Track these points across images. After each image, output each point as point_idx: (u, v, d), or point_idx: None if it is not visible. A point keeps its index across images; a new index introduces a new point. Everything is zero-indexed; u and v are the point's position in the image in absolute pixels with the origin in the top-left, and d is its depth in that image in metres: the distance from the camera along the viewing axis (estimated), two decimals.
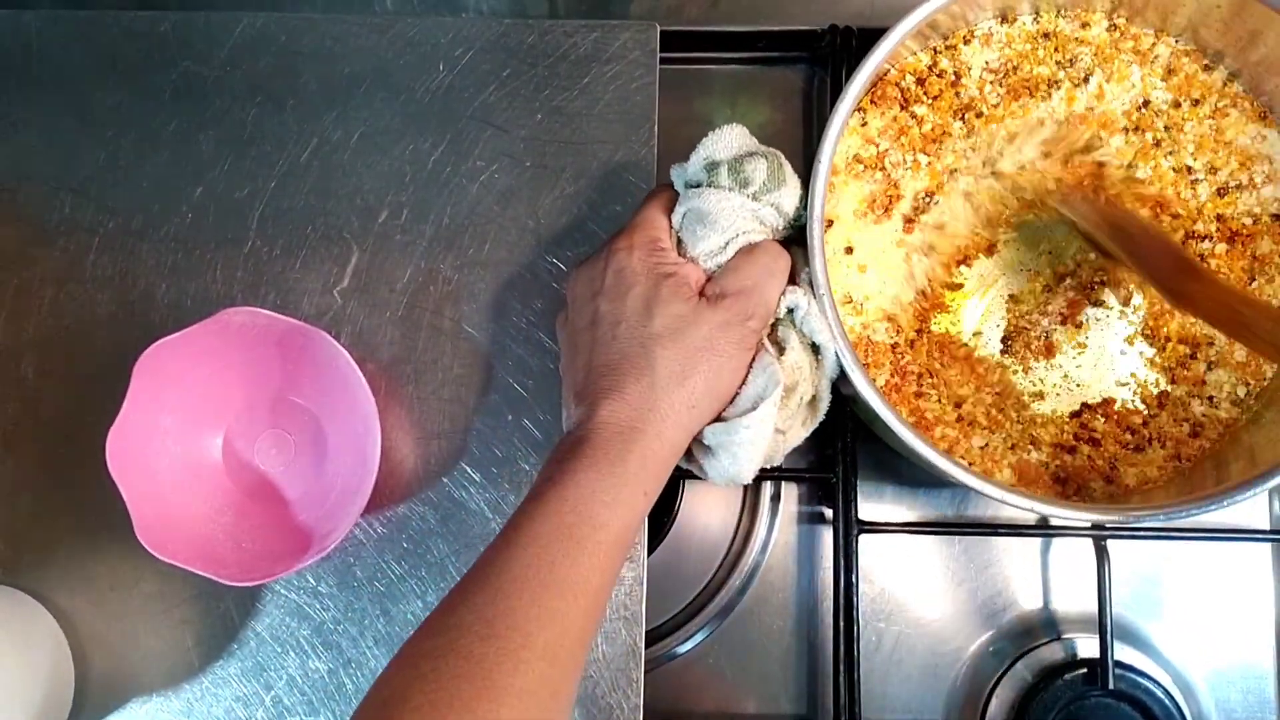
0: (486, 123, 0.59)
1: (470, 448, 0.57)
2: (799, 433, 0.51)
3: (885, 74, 0.55)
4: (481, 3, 0.67)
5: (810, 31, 0.64)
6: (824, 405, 0.51)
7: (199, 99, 0.60)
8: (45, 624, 0.55)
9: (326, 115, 0.60)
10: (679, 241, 0.50)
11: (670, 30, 0.61)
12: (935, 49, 0.56)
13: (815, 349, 0.50)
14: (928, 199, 0.55)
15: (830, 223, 0.55)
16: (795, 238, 0.51)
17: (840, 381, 0.51)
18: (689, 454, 0.50)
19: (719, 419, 0.48)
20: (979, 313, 0.56)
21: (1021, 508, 0.49)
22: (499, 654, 0.40)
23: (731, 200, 0.49)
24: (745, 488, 0.65)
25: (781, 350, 0.49)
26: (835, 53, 0.63)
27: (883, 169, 0.55)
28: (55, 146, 0.60)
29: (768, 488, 0.64)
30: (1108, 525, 0.60)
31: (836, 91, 0.55)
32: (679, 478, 0.64)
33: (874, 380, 0.50)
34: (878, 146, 0.55)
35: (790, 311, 0.49)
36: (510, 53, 0.60)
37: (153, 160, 0.59)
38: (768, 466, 0.51)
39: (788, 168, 0.50)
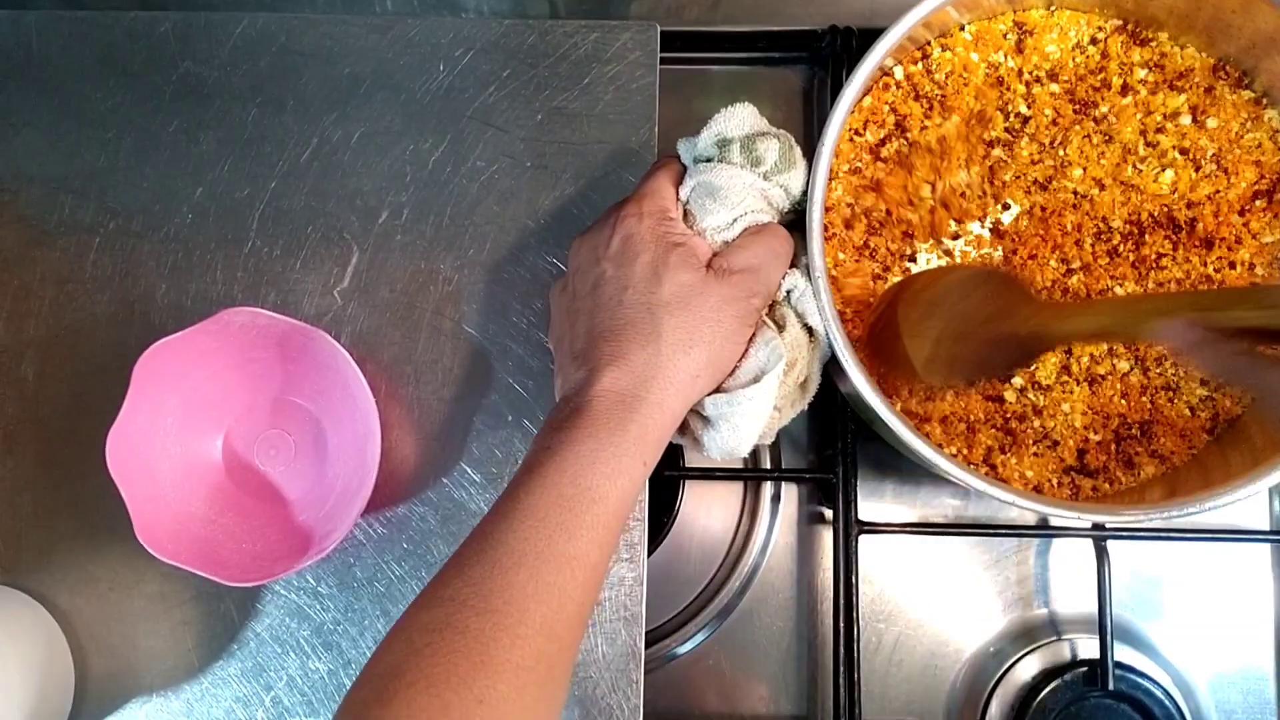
0: (487, 123, 0.60)
1: (470, 448, 0.57)
2: (789, 413, 0.52)
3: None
4: (482, 3, 0.67)
5: (810, 32, 0.64)
6: (813, 386, 0.52)
7: (199, 99, 0.60)
8: (45, 625, 0.55)
9: (327, 116, 0.60)
10: (684, 214, 0.50)
11: (671, 31, 0.62)
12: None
13: (810, 330, 0.50)
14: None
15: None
16: (795, 222, 0.52)
17: (838, 378, 0.51)
18: (683, 427, 0.50)
19: (719, 390, 0.48)
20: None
21: (1019, 505, 0.49)
22: (496, 629, 0.40)
23: (743, 177, 0.49)
24: (745, 489, 0.65)
25: (781, 328, 0.49)
26: (835, 53, 0.63)
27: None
28: (56, 147, 0.60)
29: (768, 488, 0.64)
30: (1108, 526, 0.60)
31: (836, 92, 0.55)
32: (680, 480, 0.64)
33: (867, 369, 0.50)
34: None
35: (788, 293, 0.50)
36: (510, 53, 0.60)
37: (153, 161, 0.60)
38: (761, 443, 0.51)
39: (797, 150, 0.51)
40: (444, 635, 0.40)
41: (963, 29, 0.56)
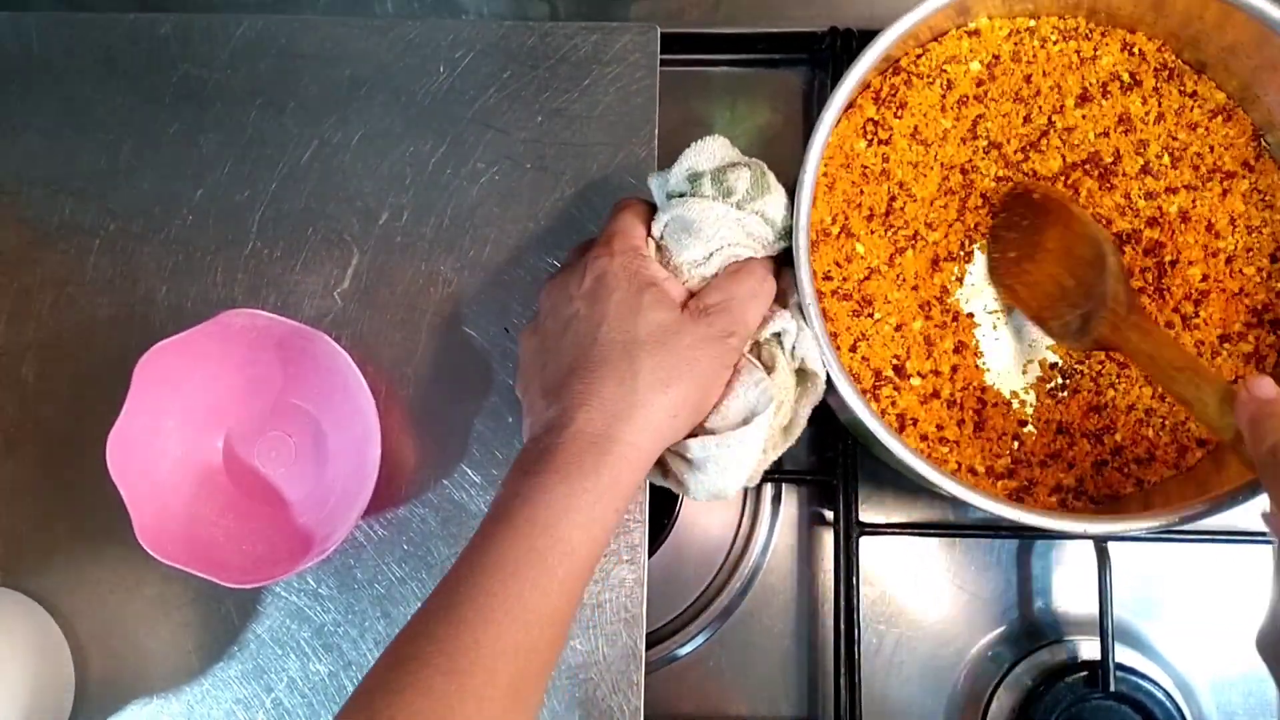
0: (487, 125, 0.60)
1: (471, 450, 0.57)
2: (772, 455, 0.51)
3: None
4: (482, 5, 0.67)
5: (810, 33, 0.64)
6: (797, 430, 0.51)
7: (199, 101, 0.60)
8: (46, 627, 0.55)
9: (327, 118, 0.60)
10: (658, 250, 0.49)
11: (670, 32, 0.61)
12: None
13: (800, 374, 0.50)
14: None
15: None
16: (786, 258, 0.50)
17: (837, 407, 0.51)
18: (665, 469, 0.49)
19: (702, 432, 0.47)
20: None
21: (1023, 523, 0.49)
22: (461, 691, 0.39)
23: (716, 209, 0.48)
24: (746, 491, 0.65)
25: (770, 369, 0.48)
26: (835, 55, 0.63)
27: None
28: (56, 149, 0.60)
29: (768, 490, 0.64)
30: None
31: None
32: None
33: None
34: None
35: (778, 335, 0.49)
36: (510, 55, 0.60)
37: (153, 163, 0.60)
38: (747, 485, 0.50)
39: (771, 177, 0.50)
40: (406, 697, 0.39)
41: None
